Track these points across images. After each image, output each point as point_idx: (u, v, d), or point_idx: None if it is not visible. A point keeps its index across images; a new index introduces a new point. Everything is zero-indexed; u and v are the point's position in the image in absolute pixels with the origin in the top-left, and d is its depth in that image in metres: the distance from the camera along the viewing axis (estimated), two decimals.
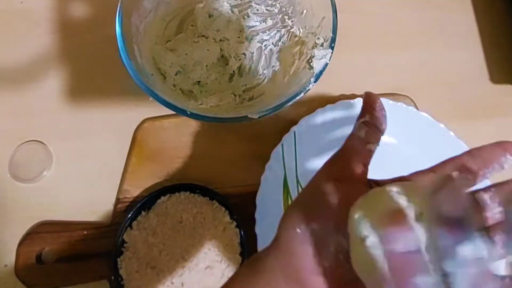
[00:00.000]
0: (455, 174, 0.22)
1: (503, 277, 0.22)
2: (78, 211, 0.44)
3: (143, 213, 0.43)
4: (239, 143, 0.47)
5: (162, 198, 0.43)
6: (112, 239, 0.42)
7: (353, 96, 0.48)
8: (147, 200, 0.43)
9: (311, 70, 0.40)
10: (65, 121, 0.47)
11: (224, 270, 0.42)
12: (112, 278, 0.40)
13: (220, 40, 0.48)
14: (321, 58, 0.40)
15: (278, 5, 0.48)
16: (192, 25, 0.48)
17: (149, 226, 0.42)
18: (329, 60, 0.39)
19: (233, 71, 0.47)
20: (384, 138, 0.48)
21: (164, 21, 0.47)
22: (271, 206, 0.44)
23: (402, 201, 0.22)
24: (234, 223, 0.43)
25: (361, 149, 0.29)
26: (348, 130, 0.48)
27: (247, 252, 0.42)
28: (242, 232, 0.42)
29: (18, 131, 0.46)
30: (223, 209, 0.43)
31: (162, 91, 0.39)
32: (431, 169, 0.28)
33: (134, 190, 0.45)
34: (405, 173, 0.51)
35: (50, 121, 0.47)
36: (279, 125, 0.48)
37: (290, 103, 0.38)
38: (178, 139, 0.47)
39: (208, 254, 0.42)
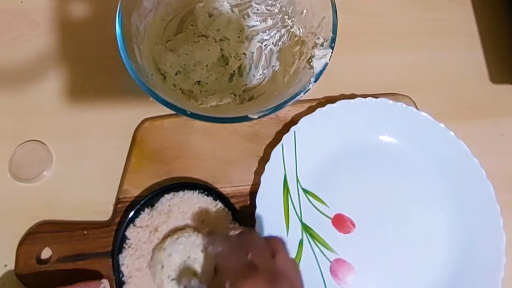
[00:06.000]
0: None
1: None
2: (78, 211, 0.44)
3: (146, 210, 0.43)
4: (239, 143, 0.47)
5: (166, 196, 0.43)
6: (112, 239, 0.42)
7: (353, 96, 0.48)
8: (151, 198, 0.43)
9: (311, 70, 0.40)
10: (65, 121, 0.47)
11: None
12: (113, 274, 0.40)
13: (220, 40, 0.48)
14: (321, 58, 0.40)
15: (278, 5, 0.48)
16: (192, 25, 0.48)
17: (151, 224, 0.42)
18: (329, 60, 0.39)
19: (233, 71, 0.48)
20: (384, 138, 0.49)
21: (164, 21, 0.47)
22: (271, 206, 0.44)
23: None
24: (237, 224, 0.43)
25: None
26: (348, 130, 0.48)
27: None
28: None
29: (18, 131, 0.46)
30: (226, 210, 0.43)
31: (162, 91, 0.39)
32: None
33: (134, 190, 0.45)
34: (405, 173, 0.51)
35: (50, 121, 0.47)
36: (279, 125, 0.48)
37: (290, 103, 0.38)
38: (178, 139, 0.47)
39: None
